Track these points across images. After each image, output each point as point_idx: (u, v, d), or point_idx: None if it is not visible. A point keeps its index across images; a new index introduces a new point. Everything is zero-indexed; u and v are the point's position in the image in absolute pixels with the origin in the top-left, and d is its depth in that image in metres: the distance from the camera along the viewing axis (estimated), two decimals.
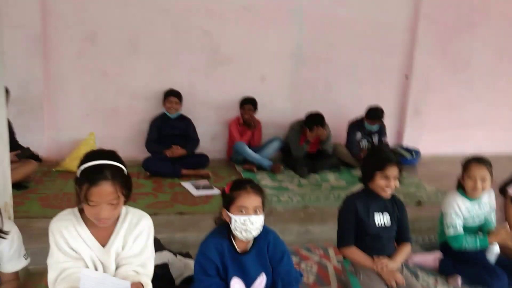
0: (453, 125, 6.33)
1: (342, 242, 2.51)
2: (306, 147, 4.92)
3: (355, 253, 2.46)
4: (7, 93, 3.86)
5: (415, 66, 5.89)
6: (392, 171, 2.38)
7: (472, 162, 2.85)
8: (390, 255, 2.48)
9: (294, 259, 2.94)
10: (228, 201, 2.00)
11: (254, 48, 5.26)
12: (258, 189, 2.03)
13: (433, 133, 6.16)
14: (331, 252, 3.13)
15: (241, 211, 1.95)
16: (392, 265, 2.39)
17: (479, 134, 6.32)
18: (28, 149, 4.00)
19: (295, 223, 3.44)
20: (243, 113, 5.05)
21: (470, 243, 2.83)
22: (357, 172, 4.94)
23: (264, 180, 4.47)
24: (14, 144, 3.97)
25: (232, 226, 1.98)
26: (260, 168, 4.81)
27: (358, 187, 2.68)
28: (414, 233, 3.16)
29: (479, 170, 2.81)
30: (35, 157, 3.99)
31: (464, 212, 2.90)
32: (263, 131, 5.28)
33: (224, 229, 2.07)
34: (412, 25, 5.80)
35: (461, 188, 2.93)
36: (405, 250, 2.54)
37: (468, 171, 2.84)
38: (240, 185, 2.01)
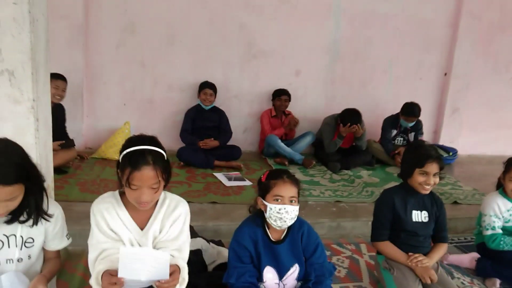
0: (493, 125, 6.13)
1: (377, 236, 2.48)
2: (339, 142, 4.86)
3: (390, 248, 2.43)
4: (65, 81, 4.07)
5: (455, 64, 5.73)
6: (432, 168, 2.33)
7: None
8: (425, 253, 2.44)
9: (326, 253, 2.93)
10: (264, 189, 2.01)
11: (290, 42, 5.24)
12: (295, 180, 2.04)
13: (471, 133, 5.99)
14: (363, 248, 3.10)
15: (277, 200, 1.96)
16: (427, 262, 2.35)
17: None
18: (72, 140, 4.17)
19: (326, 218, 3.43)
20: (279, 104, 5.05)
21: (508, 244, 2.74)
22: (391, 169, 4.91)
23: (295, 174, 4.37)
24: (62, 132, 4.16)
25: (267, 215, 1.99)
26: (292, 162, 4.81)
27: (391, 184, 2.65)
28: (450, 233, 3.07)
29: None
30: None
31: (504, 213, 2.80)
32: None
33: (258, 218, 2.08)
34: (453, 22, 5.63)
35: (502, 188, 2.84)
36: (442, 249, 2.49)
37: (511, 171, 2.74)
38: (277, 174, 2.02)
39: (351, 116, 4.76)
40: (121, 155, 1.76)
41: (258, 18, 5.08)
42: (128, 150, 1.74)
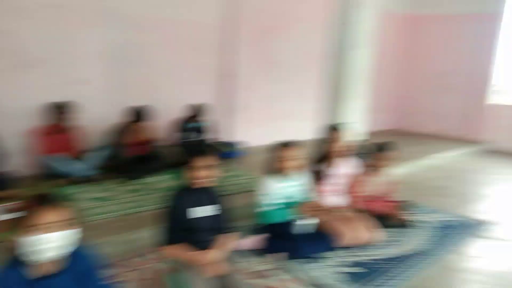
0: (273, 117, 6.94)
1: (162, 241, 2.46)
2: (129, 148, 4.74)
3: (175, 250, 2.43)
4: None
5: (232, 65, 6.23)
6: (196, 161, 2.43)
7: (280, 146, 3.16)
8: (213, 246, 2.50)
9: (115, 271, 2.77)
10: (19, 223, 1.72)
11: (69, 50, 4.78)
12: (56, 202, 1.79)
13: (256, 126, 6.65)
14: (151, 256, 3.06)
15: (31, 232, 1.70)
16: (211, 255, 2.42)
17: (293, 125, 7.01)
18: None
19: (114, 234, 3.23)
20: (62, 118, 4.56)
21: (278, 216, 3.14)
22: (183, 172, 4.98)
23: (82, 192, 4.10)
24: None
25: (22, 251, 1.71)
26: (79, 180, 4.38)
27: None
28: (240, 220, 3.25)
29: (286, 151, 3.13)
30: None
31: (277, 191, 3.17)
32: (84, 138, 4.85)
33: (18, 256, 1.77)
34: (227, 27, 6.10)
35: (273, 171, 3.19)
36: (226, 240, 2.58)
37: (277, 153, 3.15)
38: (33, 202, 1.75)
39: (136, 110, 4.89)
40: None
41: (25, 23, 4.45)
42: None
